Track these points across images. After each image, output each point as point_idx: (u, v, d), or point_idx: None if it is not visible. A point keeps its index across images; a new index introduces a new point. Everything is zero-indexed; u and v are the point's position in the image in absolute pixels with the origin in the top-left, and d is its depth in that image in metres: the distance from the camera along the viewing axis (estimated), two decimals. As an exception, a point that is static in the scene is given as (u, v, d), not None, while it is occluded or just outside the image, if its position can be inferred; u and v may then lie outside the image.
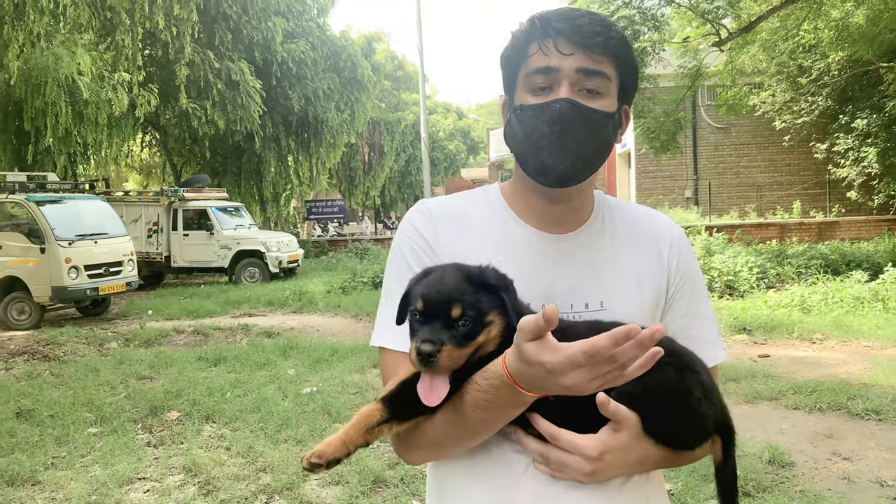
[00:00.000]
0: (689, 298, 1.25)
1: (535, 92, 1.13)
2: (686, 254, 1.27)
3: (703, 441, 1.08)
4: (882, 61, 15.23)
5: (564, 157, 1.11)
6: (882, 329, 8.21)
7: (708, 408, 1.05)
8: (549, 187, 1.17)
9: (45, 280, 11.30)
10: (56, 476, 4.63)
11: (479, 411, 1.03)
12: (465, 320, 0.98)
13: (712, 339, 1.26)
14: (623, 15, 12.73)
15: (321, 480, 4.46)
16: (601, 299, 1.18)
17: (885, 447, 4.71)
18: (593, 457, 1.03)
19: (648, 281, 1.22)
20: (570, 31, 1.10)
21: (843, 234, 17.47)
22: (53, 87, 13.19)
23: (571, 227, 1.22)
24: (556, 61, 1.10)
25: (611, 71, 1.13)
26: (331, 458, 0.99)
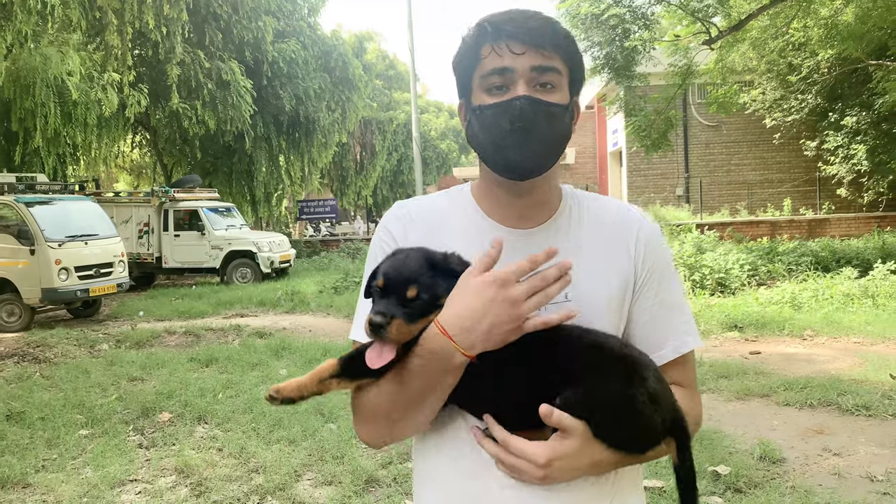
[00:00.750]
0: (657, 288, 1.26)
1: (492, 92, 1.17)
2: (654, 245, 1.28)
3: (654, 444, 1.09)
4: (871, 59, 15.32)
5: (527, 150, 1.16)
6: (872, 325, 8.26)
7: (655, 412, 1.05)
8: (515, 181, 1.20)
9: (34, 282, 11.24)
10: (47, 478, 4.60)
11: (416, 378, 1.10)
12: (418, 299, 1.06)
13: (682, 328, 1.27)
14: (613, 13, 12.76)
15: (314, 480, 4.45)
16: (566, 291, 1.18)
17: (875, 443, 4.74)
18: (541, 464, 1.07)
19: (615, 273, 1.24)
20: (520, 31, 1.15)
21: (833, 232, 17.58)
22: (42, 88, 13.10)
23: (538, 220, 1.26)
24: (510, 61, 1.15)
25: (561, 66, 1.18)
26: (285, 396, 1.11)
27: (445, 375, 1.09)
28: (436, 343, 1.06)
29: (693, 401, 1.25)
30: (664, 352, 1.24)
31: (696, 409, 1.26)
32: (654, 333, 1.25)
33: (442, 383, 1.10)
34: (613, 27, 13.18)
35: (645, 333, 1.25)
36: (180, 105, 17.56)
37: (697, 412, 1.26)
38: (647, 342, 1.24)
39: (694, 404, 1.25)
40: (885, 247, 13.22)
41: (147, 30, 15.91)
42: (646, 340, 1.25)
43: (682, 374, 1.26)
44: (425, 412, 1.15)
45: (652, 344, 1.24)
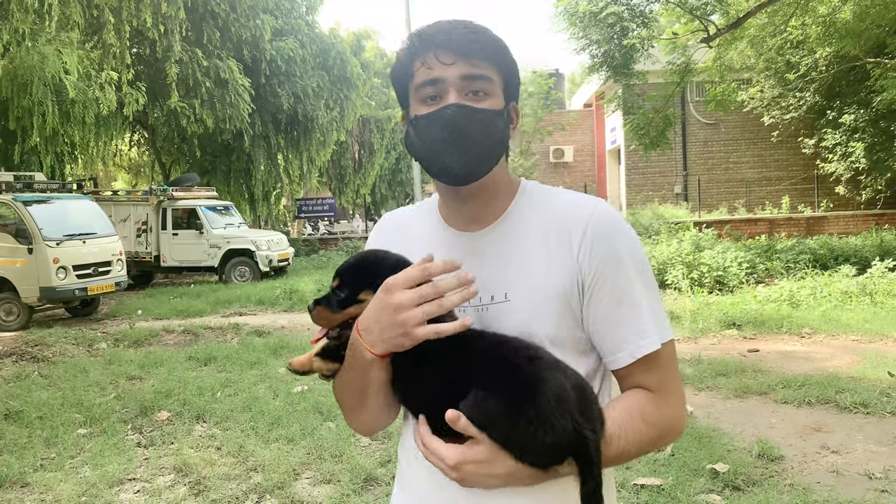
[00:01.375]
0: (611, 286, 1.19)
1: (427, 102, 1.21)
2: (605, 238, 1.20)
3: (554, 462, 1.06)
4: (869, 57, 15.33)
5: (461, 156, 1.19)
6: (870, 323, 8.27)
7: (546, 433, 1.02)
8: (454, 185, 1.24)
9: (33, 280, 11.22)
10: (45, 477, 4.60)
11: (349, 371, 1.20)
12: (339, 292, 1.20)
13: (639, 329, 1.18)
14: (612, 11, 12.76)
15: (312, 479, 4.45)
16: (505, 291, 1.22)
17: (873, 440, 4.75)
18: (451, 465, 1.09)
19: (557, 272, 1.20)
20: (448, 42, 1.19)
21: (832, 229, 17.60)
22: (39, 87, 13.06)
23: (487, 222, 1.28)
24: (440, 72, 1.19)
25: (492, 73, 1.21)
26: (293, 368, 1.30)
27: (368, 369, 1.16)
28: (354, 337, 1.16)
29: (659, 407, 1.18)
30: (620, 356, 1.19)
31: (664, 415, 1.18)
32: (609, 336, 1.19)
33: (369, 376, 1.17)
34: (612, 25, 13.18)
35: (601, 336, 1.20)
36: (178, 104, 17.53)
37: (667, 417, 1.19)
38: (604, 346, 1.21)
39: (660, 412, 1.18)
40: (883, 244, 13.24)
41: (145, 28, 15.89)
42: (602, 344, 1.21)
43: (647, 377, 1.19)
44: (370, 404, 1.24)
45: (607, 348, 1.20)
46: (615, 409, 1.15)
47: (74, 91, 13.44)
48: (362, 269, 1.21)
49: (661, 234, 14.92)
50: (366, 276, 1.19)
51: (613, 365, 1.21)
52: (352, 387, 1.22)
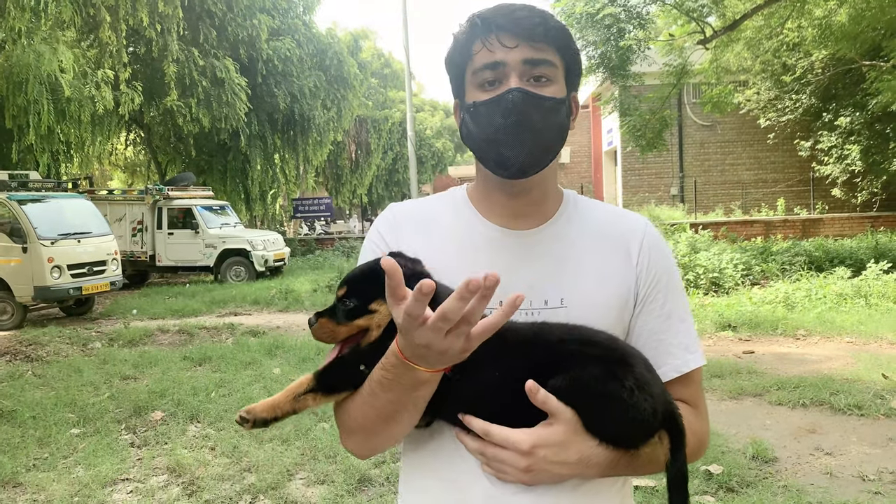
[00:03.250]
0: (662, 301, 1.21)
1: (485, 87, 1.14)
2: (658, 254, 1.24)
3: (647, 437, 1.04)
4: (865, 60, 15.36)
5: (522, 146, 1.12)
6: (864, 325, 8.29)
7: (644, 400, 1.00)
8: (511, 179, 1.16)
9: (27, 280, 11.19)
10: (38, 477, 4.58)
11: (386, 391, 1.05)
12: (347, 301, 1.09)
13: (686, 344, 1.21)
14: (608, 13, 12.77)
15: (306, 480, 4.44)
16: (561, 296, 1.16)
17: (866, 442, 4.76)
18: (524, 450, 1.02)
19: (614, 280, 1.19)
20: (511, 24, 1.12)
21: (827, 231, 17.64)
22: (35, 85, 13.02)
23: (535, 222, 1.21)
24: (502, 55, 1.12)
25: (555, 58, 1.14)
26: (258, 417, 1.08)
27: (415, 389, 1.04)
28: (397, 359, 1.01)
29: (698, 419, 1.19)
30: (665, 369, 1.18)
31: (701, 428, 1.19)
32: (655, 349, 1.19)
33: (412, 397, 1.05)
34: (608, 26, 13.19)
35: (646, 349, 1.19)
36: (175, 103, 17.50)
37: (702, 431, 1.20)
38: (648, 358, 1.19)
39: (699, 423, 1.18)
40: (879, 247, 13.27)
41: (141, 27, 15.85)
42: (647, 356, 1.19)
43: (686, 391, 1.20)
44: (402, 424, 1.11)
45: (652, 361, 1.17)
46: None
47: (70, 89, 13.40)
48: (375, 278, 1.05)
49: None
50: (379, 284, 1.03)
51: None
52: (384, 410, 1.08)
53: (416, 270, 1.09)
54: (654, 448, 1.06)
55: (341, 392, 1.12)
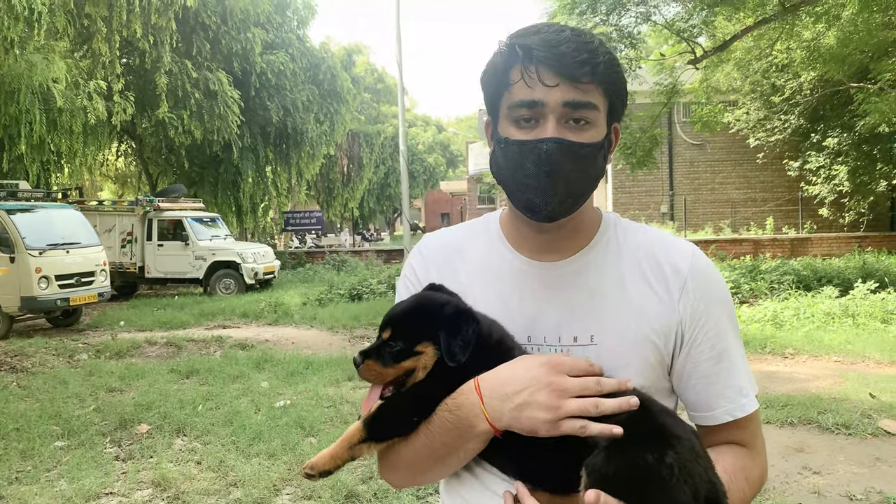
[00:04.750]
0: (712, 341, 1.12)
1: (520, 124, 1.07)
2: (707, 290, 1.14)
3: None
4: (852, 81, 15.57)
5: (553, 196, 1.06)
6: (852, 344, 8.34)
7: (685, 485, 0.95)
8: (538, 223, 1.12)
9: (14, 290, 11.09)
10: (20, 491, 4.51)
11: (444, 434, 1.04)
12: (393, 344, 1.07)
13: (739, 387, 1.14)
14: (600, 32, 12.88)
15: (293, 495, 4.40)
16: (592, 333, 1.10)
17: (854, 461, 4.77)
18: None
19: (651, 315, 1.11)
20: (553, 60, 1.03)
21: (815, 251, 17.76)
22: (27, 95, 12.99)
23: (568, 252, 1.16)
24: (541, 94, 1.04)
25: (599, 98, 1.07)
26: (321, 469, 1.10)
27: (467, 440, 1.02)
28: (465, 398, 1.01)
29: (754, 462, 1.15)
30: (717, 412, 1.13)
31: (756, 470, 1.14)
32: (705, 392, 1.13)
33: (464, 447, 1.04)
34: (599, 45, 13.30)
35: (694, 391, 1.14)
36: (167, 114, 17.49)
37: (758, 473, 1.15)
38: (696, 400, 1.15)
39: (755, 464, 1.14)
40: (866, 266, 13.37)
41: (134, 38, 15.86)
42: (694, 398, 1.15)
43: (741, 433, 1.15)
44: (449, 467, 1.10)
45: (701, 403, 1.14)
46: (720, 469, 1.03)
47: (62, 100, 13.37)
48: (419, 318, 1.08)
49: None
50: (424, 325, 1.06)
51: (708, 421, 1.14)
52: (435, 453, 1.06)
53: (462, 308, 1.09)
54: None
55: (393, 439, 1.11)
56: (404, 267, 1.28)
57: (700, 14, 12.86)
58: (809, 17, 12.87)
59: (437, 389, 1.07)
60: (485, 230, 1.25)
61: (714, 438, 1.13)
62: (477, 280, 1.18)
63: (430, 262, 1.24)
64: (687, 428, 1.04)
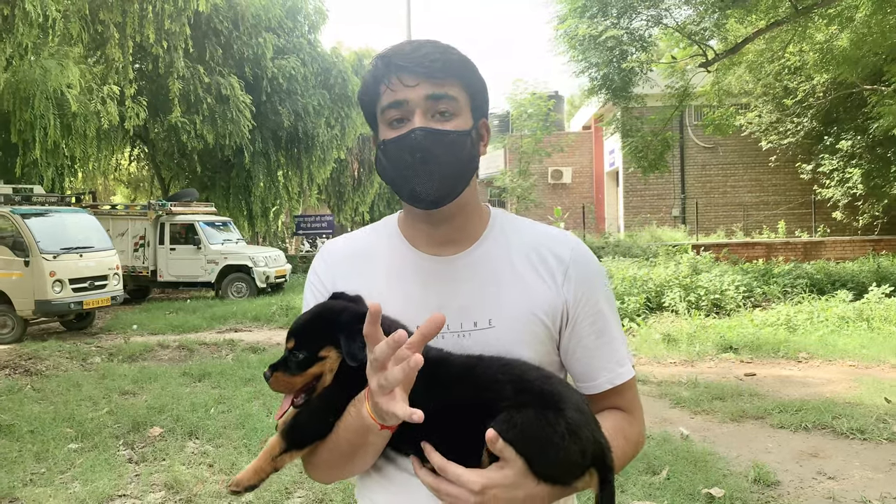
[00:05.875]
0: (592, 319, 1.26)
1: (393, 125, 1.20)
2: (586, 274, 1.28)
3: (578, 476, 1.09)
4: (866, 84, 15.47)
5: (431, 180, 1.17)
6: (867, 348, 8.26)
7: (575, 443, 1.06)
8: (426, 210, 1.22)
9: (28, 293, 11.18)
10: (34, 493, 4.55)
11: (350, 431, 1.12)
12: (296, 353, 1.13)
13: (618, 358, 1.28)
14: (611, 35, 12.87)
15: (304, 498, 4.41)
16: (489, 317, 1.22)
17: (869, 466, 4.72)
18: (476, 490, 1.06)
19: (540, 298, 1.24)
20: (410, 63, 1.17)
21: (829, 254, 17.62)
22: (42, 100, 13.12)
23: (462, 246, 1.27)
24: (404, 94, 1.17)
25: (458, 91, 1.20)
26: (246, 485, 1.15)
27: (367, 435, 1.10)
28: (363, 397, 1.09)
29: (632, 425, 1.27)
30: (599, 381, 1.26)
31: (636, 432, 1.28)
32: (588, 364, 1.26)
33: (370, 443, 1.12)
34: (611, 49, 13.29)
35: (579, 363, 1.27)
36: (179, 119, 17.60)
37: (637, 434, 1.28)
38: (580, 371, 1.27)
39: (633, 426, 1.27)
40: (880, 270, 13.26)
41: (148, 44, 15.99)
42: (579, 369, 1.28)
43: (620, 399, 1.28)
44: (363, 462, 1.18)
45: (584, 373, 1.27)
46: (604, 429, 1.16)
47: (76, 104, 13.49)
48: (319, 325, 1.15)
49: (659, 256, 14.93)
50: (324, 331, 1.13)
51: (591, 390, 1.27)
52: (343, 450, 1.16)
53: (360, 312, 1.11)
54: (585, 483, 1.12)
55: (312, 444, 1.18)
56: (309, 274, 1.36)
57: (711, 17, 12.82)
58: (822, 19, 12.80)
59: (347, 389, 1.12)
60: (385, 232, 1.35)
61: (597, 406, 1.25)
62: (382, 280, 1.26)
63: (335, 268, 1.32)
64: (574, 392, 1.16)
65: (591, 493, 1.12)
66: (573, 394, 1.15)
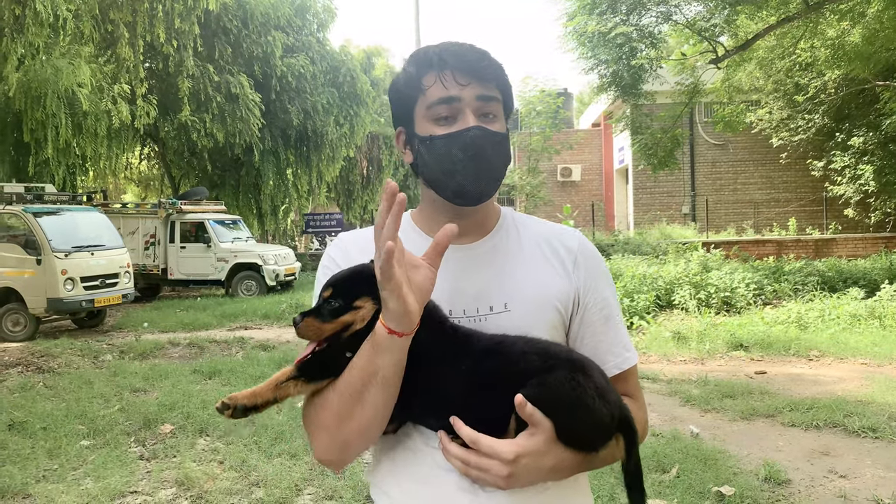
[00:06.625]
0: (600, 306, 1.32)
1: (440, 122, 1.22)
2: (593, 264, 1.35)
3: (606, 440, 1.13)
4: (878, 80, 15.34)
5: (479, 178, 1.23)
6: (879, 346, 8.21)
7: (604, 406, 1.10)
8: (465, 206, 1.27)
9: (40, 291, 11.27)
10: (47, 489, 4.59)
11: (361, 359, 1.11)
12: (332, 301, 1.14)
13: (624, 343, 1.34)
14: (620, 32, 12.82)
15: (314, 495, 4.43)
16: (505, 301, 1.26)
17: (881, 465, 4.69)
18: (510, 459, 1.08)
19: (553, 285, 1.29)
20: (463, 64, 1.21)
21: (840, 252, 17.51)
22: (53, 99, 13.19)
23: (477, 236, 1.33)
24: (456, 91, 1.21)
25: (498, 95, 1.26)
26: (238, 403, 1.12)
27: (379, 353, 1.09)
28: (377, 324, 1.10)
29: (639, 410, 1.31)
30: (607, 367, 1.28)
31: (642, 416, 1.32)
32: (596, 348, 1.30)
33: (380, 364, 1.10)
34: (620, 45, 13.24)
35: (588, 350, 1.30)
36: (189, 118, 17.67)
37: (643, 419, 1.32)
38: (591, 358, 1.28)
39: (640, 413, 1.30)
40: (893, 267, 13.16)
41: (158, 43, 16.06)
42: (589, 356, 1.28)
43: (626, 385, 1.32)
44: (367, 406, 1.13)
45: (594, 359, 1.28)
46: None
47: (87, 103, 13.56)
48: (359, 279, 1.16)
49: (669, 254, 14.88)
50: (364, 284, 1.13)
51: None
52: (353, 385, 1.13)
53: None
54: (611, 449, 1.15)
55: (322, 380, 1.16)
56: (324, 260, 1.36)
57: (722, 13, 12.76)
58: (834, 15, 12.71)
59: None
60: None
61: None
62: None
63: (352, 255, 1.30)
64: (594, 363, 1.20)
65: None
66: (594, 362, 1.20)
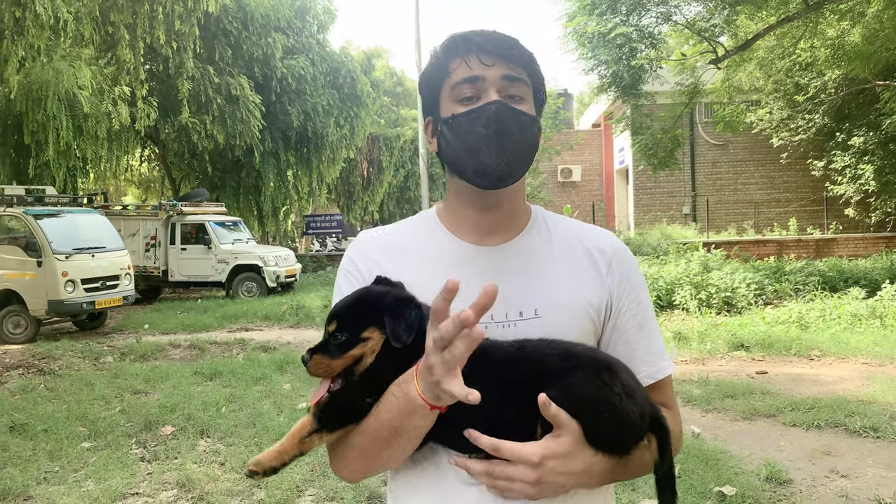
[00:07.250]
0: (633, 312, 1.26)
1: (463, 102, 1.18)
2: (628, 268, 1.28)
3: (637, 441, 1.07)
4: (878, 79, 15.34)
5: (501, 155, 1.15)
6: (880, 346, 8.20)
7: (632, 405, 1.05)
8: (488, 189, 1.19)
9: (41, 293, 11.27)
10: (48, 491, 4.59)
11: (391, 412, 1.06)
12: (338, 335, 1.10)
13: (658, 352, 1.27)
14: (620, 32, 12.83)
15: (315, 496, 4.42)
16: (535, 307, 1.19)
17: (882, 465, 4.69)
18: (535, 462, 1.03)
19: (585, 289, 1.23)
20: (488, 44, 1.18)
21: (841, 251, 17.50)
22: (54, 101, 13.21)
23: (507, 236, 1.26)
24: (480, 71, 1.17)
25: (527, 79, 1.21)
26: (267, 466, 1.09)
27: (412, 416, 1.04)
28: (409, 376, 1.04)
29: (674, 420, 1.24)
30: (640, 376, 1.22)
31: (677, 427, 1.25)
32: (629, 358, 1.22)
33: (411, 425, 1.05)
34: (620, 46, 13.25)
35: (621, 357, 1.22)
36: (189, 119, 17.68)
37: (678, 430, 1.25)
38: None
39: (675, 424, 1.23)
40: (893, 267, 13.15)
41: (158, 45, 16.07)
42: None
43: (660, 395, 1.25)
44: (399, 451, 1.11)
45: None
46: None
47: (88, 106, 13.57)
48: (364, 308, 1.11)
49: (670, 254, 14.87)
50: (369, 313, 1.09)
51: None
52: (381, 434, 1.08)
53: (405, 296, 1.11)
54: (643, 451, 1.09)
55: (345, 427, 1.13)
56: (343, 262, 1.32)
57: (721, 13, 12.76)
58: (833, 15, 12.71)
59: (386, 371, 1.08)
60: (423, 224, 1.31)
61: None
62: (424, 271, 1.21)
63: (373, 256, 1.27)
64: (621, 363, 1.14)
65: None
66: (621, 361, 1.14)
